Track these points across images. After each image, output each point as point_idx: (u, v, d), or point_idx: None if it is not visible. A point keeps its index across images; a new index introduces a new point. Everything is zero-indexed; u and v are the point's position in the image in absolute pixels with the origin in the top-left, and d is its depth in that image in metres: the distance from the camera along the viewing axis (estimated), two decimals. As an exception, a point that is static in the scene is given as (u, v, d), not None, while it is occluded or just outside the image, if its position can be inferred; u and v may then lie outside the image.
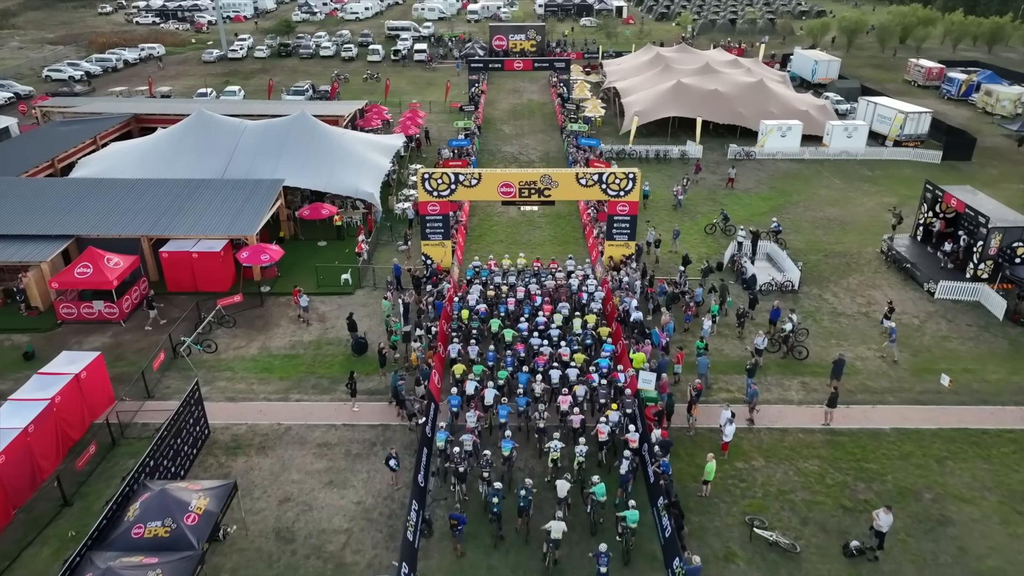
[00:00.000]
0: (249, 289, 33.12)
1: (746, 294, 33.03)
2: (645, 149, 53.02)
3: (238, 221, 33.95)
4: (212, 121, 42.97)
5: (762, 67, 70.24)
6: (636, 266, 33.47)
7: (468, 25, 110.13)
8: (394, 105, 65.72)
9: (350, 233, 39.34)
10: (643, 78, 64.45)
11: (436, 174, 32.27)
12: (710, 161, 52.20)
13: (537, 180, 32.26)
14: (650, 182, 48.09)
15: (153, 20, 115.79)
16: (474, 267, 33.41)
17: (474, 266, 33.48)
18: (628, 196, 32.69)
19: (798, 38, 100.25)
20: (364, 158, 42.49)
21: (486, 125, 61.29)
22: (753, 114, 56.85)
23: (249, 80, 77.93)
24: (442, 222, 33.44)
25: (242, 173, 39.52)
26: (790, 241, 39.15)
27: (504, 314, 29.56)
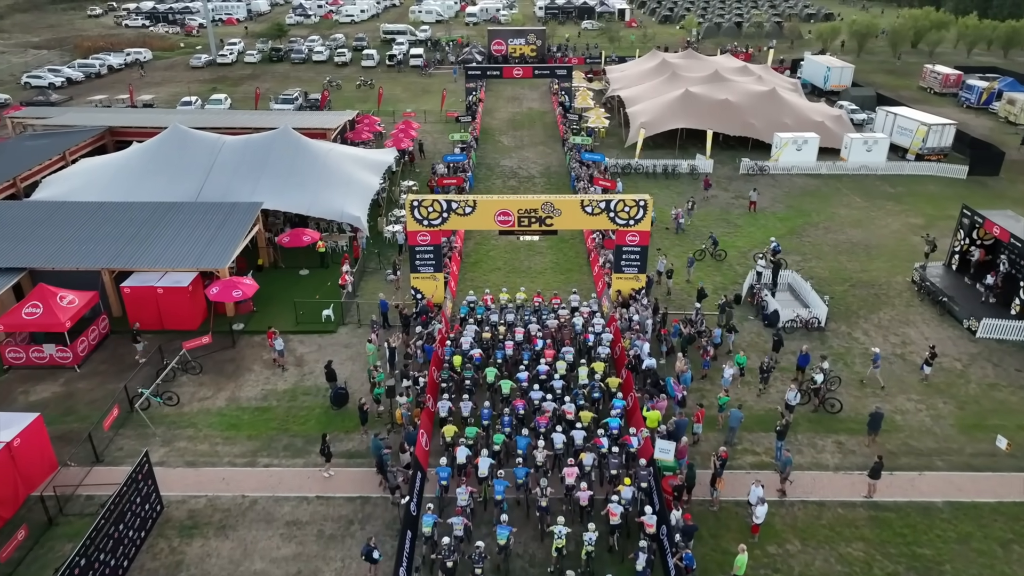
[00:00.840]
0: (221, 327, 30.04)
1: (768, 332, 30.03)
2: (652, 163, 49.92)
3: (209, 251, 30.84)
4: (188, 137, 39.86)
5: (772, 74, 67.14)
6: (647, 302, 30.37)
7: (466, 28, 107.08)
8: (387, 114, 62.61)
9: (335, 259, 36.24)
10: (649, 86, 61.37)
11: (426, 201, 29.20)
12: (721, 176, 49.12)
13: (538, 208, 29.18)
14: (658, 199, 45.10)
15: (143, 23, 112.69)
16: (468, 303, 30.46)
17: (468, 301, 30.53)
18: (639, 225, 29.60)
19: (806, 42, 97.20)
20: (351, 177, 39.38)
21: (484, 136, 58.21)
22: (766, 125, 53.76)
23: (238, 87, 74.82)
24: (433, 253, 30.36)
25: (218, 195, 36.44)
26: (812, 269, 36.09)
27: (501, 360, 26.47)
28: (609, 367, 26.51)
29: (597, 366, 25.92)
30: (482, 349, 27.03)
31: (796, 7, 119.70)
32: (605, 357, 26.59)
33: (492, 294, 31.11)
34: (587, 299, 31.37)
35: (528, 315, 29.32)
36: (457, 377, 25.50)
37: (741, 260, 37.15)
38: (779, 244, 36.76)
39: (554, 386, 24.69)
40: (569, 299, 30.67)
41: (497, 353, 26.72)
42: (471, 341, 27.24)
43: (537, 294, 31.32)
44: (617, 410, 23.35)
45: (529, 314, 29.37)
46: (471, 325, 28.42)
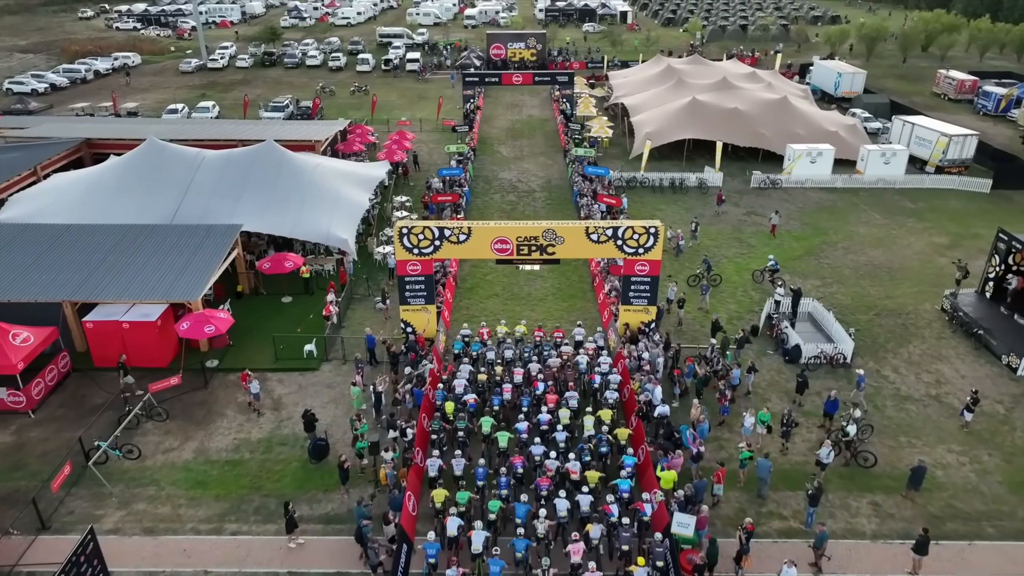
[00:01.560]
0: (193, 363, 27.55)
1: (789, 370, 27.56)
2: (659, 177, 47.39)
3: (181, 281, 28.32)
4: (165, 152, 37.37)
5: (782, 80, 64.62)
6: (658, 338, 27.85)
7: (465, 31, 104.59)
8: (381, 122, 60.11)
9: (320, 285, 33.73)
10: (654, 93, 58.83)
11: (417, 228, 26.68)
12: (731, 190, 46.59)
13: (539, 236, 26.67)
14: (666, 216, 42.61)
15: (134, 26, 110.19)
16: (463, 337, 27.90)
17: (463, 336, 27.95)
18: (649, 254, 27.08)
19: (813, 46, 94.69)
20: (339, 194, 36.87)
21: (482, 146, 55.70)
22: (777, 135, 51.26)
23: (228, 93, 72.31)
24: (424, 284, 27.84)
25: (196, 215, 33.93)
26: (833, 295, 33.59)
27: (498, 407, 23.96)
28: (617, 414, 24.02)
29: (604, 414, 23.46)
30: (477, 393, 24.59)
31: (801, 9, 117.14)
32: (613, 403, 24.09)
33: (489, 327, 28.70)
34: (592, 333, 28.91)
35: (528, 352, 26.86)
36: (449, 428, 23.01)
37: (755, 285, 34.64)
38: (777, 262, 34.68)
39: (557, 439, 22.21)
40: (573, 333, 28.27)
41: (494, 399, 24.21)
42: (465, 384, 24.80)
43: (538, 327, 28.75)
44: (628, 469, 20.84)
45: (529, 351, 26.92)
46: (466, 364, 25.95)
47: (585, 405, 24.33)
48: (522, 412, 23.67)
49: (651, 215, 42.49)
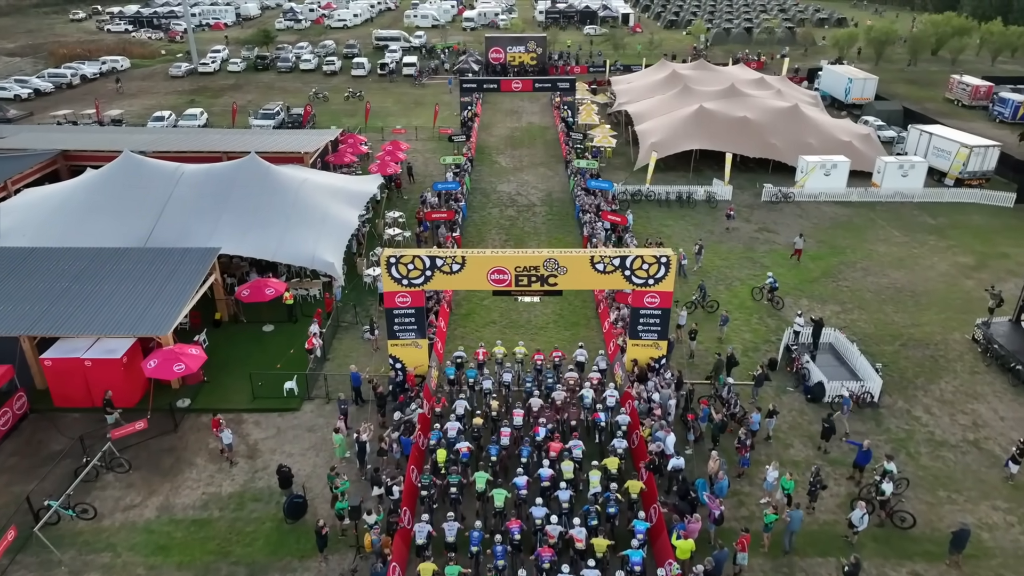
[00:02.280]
0: (162, 402, 25.27)
1: (812, 410, 25.30)
2: (665, 191, 45.09)
3: (151, 313, 26.03)
4: (142, 167, 35.12)
5: (791, 86, 62.36)
6: (669, 376, 25.56)
7: (463, 34, 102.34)
8: (375, 130, 57.86)
9: (306, 311, 31.48)
10: (659, 101, 56.57)
11: (406, 258, 24.39)
12: (741, 204, 44.32)
13: (540, 265, 24.39)
14: (673, 232, 40.37)
15: (126, 28, 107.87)
16: (455, 360, 26.29)
17: (455, 359, 26.36)
18: (659, 285, 24.80)
19: (821, 49, 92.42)
20: (327, 213, 34.59)
21: (480, 156, 53.41)
22: (788, 145, 49.01)
23: (218, 99, 70.05)
24: (415, 317, 25.55)
25: (172, 237, 31.66)
26: (855, 323, 31.33)
27: (495, 457, 21.73)
28: (626, 463, 21.78)
29: (611, 463, 21.27)
30: (472, 439, 22.45)
31: (806, 11, 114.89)
32: (622, 452, 21.86)
33: (486, 348, 26.93)
34: (595, 356, 26.89)
35: (529, 383, 24.91)
36: (440, 483, 20.75)
37: (771, 308, 32.38)
38: (776, 280, 32.91)
39: (560, 497, 19.96)
40: (575, 355, 26.45)
41: (490, 448, 21.95)
42: (459, 428, 22.60)
43: (537, 351, 26.81)
44: (639, 536, 18.54)
45: (531, 381, 24.97)
46: (460, 399, 23.91)
47: (591, 452, 22.13)
48: (522, 463, 21.48)
49: (657, 231, 40.27)
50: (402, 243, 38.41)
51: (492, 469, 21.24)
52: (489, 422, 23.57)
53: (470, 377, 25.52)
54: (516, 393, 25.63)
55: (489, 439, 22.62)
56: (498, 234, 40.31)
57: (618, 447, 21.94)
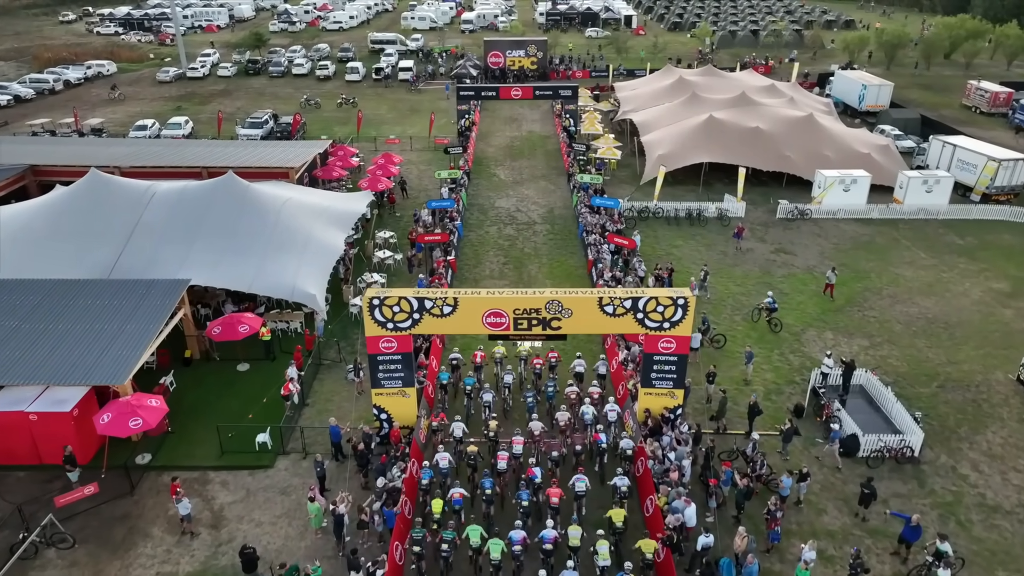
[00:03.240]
0: (120, 457, 22.58)
1: (845, 467, 22.59)
2: (674, 207, 42.37)
3: (108, 358, 23.32)
4: (110, 187, 32.41)
5: (803, 93, 59.66)
6: (686, 429, 22.85)
7: (462, 37, 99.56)
8: (368, 140, 55.19)
9: (285, 346, 28.79)
10: (666, 109, 53.85)
11: (391, 299, 21.69)
12: (755, 222, 41.64)
13: (541, 308, 21.69)
14: (683, 253, 37.72)
15: (116, 30, 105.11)
16: (452, 362, 26.42)
17: (452, 360, 26.45)
18: (675, 329, 22.09)
19: (829, 53, 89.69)
20: (310, 237, 31.88)
21: (478, 167, 50.71)
22: (803, 158, 46.31)
23: (206, 105, 67.36)
24: (402, 363, 22.84)
25: (139, 266, 28.99)
26: (885, 360, 28.65)
27: (490, 491, 20.02)
28: (632, 499, 19.19)
29: (616, 515, 19.28)
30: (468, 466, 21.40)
31: (813, 13, 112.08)
32: (624, 490, 20.15)
33: (484, 350, 26.67)
34: (595, 362, 26.51)
35: (529, 396, 24.28)
36: (432, 538, 18.31)
37: (793, 343, 29.71)
38: (775, 300, 30.91)
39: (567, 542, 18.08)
40: (573, 366, 25.86)
41: (484, 482, 20.25)
42: (449, 459, 21.17)
43: (536, 357, 26.96)
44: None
45: (530, 395, 24.33)
46: (457, 421, 22.74)
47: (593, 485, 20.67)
48: (522, 507, 19.60)
49: (667, 253, 37.60)
50: (392, 267, 35.74)
51: (487, 511, 20.02)
52: (488, 442, 22.62)
53: (467, 385, 24.84)
54: (516, 403, 25.33)
55: (487, 463, 21.79)
56: (496, 256, 37.61)
57: (620, 486, 20.19)
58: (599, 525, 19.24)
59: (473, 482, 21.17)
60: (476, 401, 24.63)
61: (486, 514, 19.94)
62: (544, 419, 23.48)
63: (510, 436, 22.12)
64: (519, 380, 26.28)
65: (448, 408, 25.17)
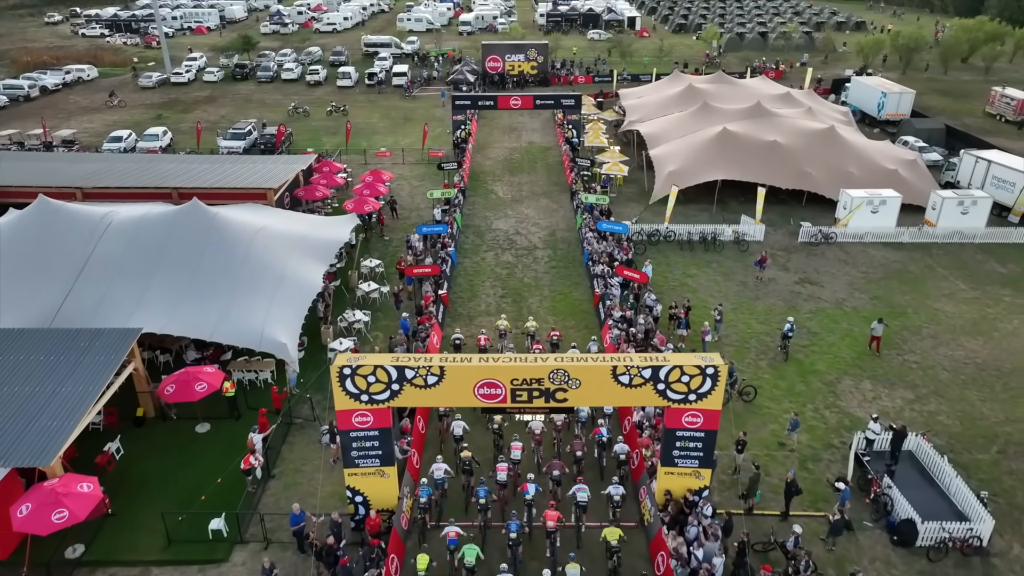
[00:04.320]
0: (43, 554, 19.11)
1: (901, 560, 19.16)
2: (687, 231, 38.91)
3: (34, 430, 19.83)
4: (60, 215, 29.04)
5: (820, 102, 56.20)
6: (710, 510, 19.35)
7: (459, 39, 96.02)
8: (358, 152, 51.77)
9: (253, 401, 25.36)
10: (675, 120, 50.38)
11: (364, 368, 18.23)
12: (775, 246, 38.21)
13: (544, 378, 18.26)
14: (698, 284, 34.32)
15: (101, 32, 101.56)
16: (455, 342, 26.94)
17: (455, 340, 26.97)
18: (704, 401, 18.64)
19: (842, 56, 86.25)
20: (284, 273, 28.41)
21: (474, 183, 47.26)
22: (825, 175, 42.84)
23: (188, 113, 63.89)
24: (379, 440, 19.38)
25: (86, 310, 25.62)
26: (933, 417, 25.20)
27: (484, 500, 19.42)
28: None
29: (610, 534, 18.36)
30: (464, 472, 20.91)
31: (822, 14, 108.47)
32: (618, 499, 19.72)
33: (488, 334, 27.68)
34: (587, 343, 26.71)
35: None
36: None
37: (827, 395, 26.26)
38: (794, 326, 28.42)
39: None
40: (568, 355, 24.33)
41: (479, 490, 19.51)
42: (446, 469, 20.62)
43: (536, 342, 27.26)
44: None
45: None
46: (458, 420, 22.17)
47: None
48: (511, 539, 18.38)
49: (681, 284, 34.19)
50: (378, 301, 32.31)
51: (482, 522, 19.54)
52: (491, 436, 22.78)
53: None
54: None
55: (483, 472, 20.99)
56: (493, 287, 34.17)
57: (614, 494, 19.85)
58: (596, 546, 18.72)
59: (468, 488, 20.76)
60: None
61: (481, 524, 19.53)
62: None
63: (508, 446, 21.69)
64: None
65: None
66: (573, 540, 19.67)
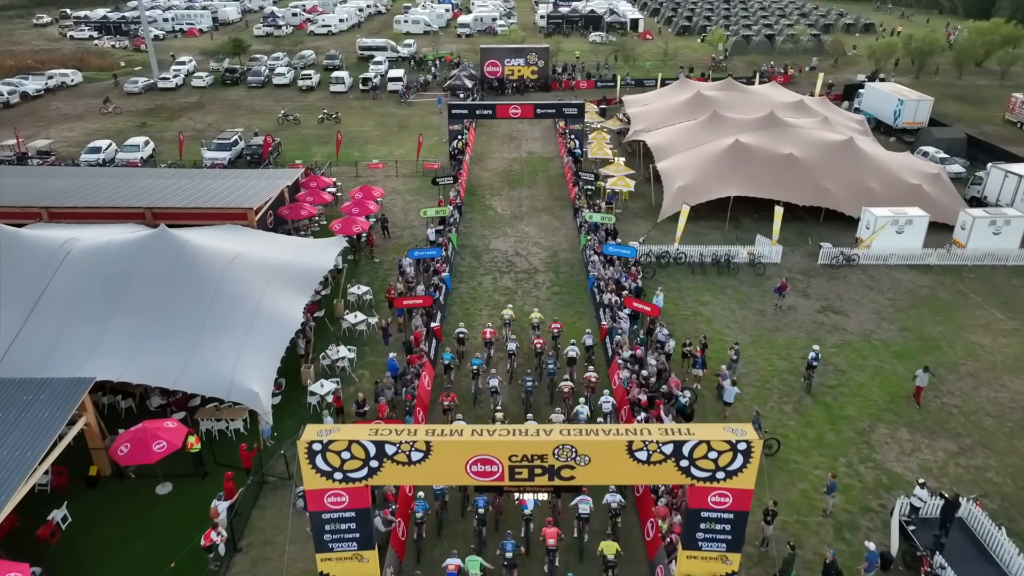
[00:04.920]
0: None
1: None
2: (699, 252, 36.30)
3: (-40, 506, 17.28)
4: (14, 245, 26.38)
5: (835, 110, 53.61)
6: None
7: (458, 42, 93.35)
8: (349, 163, 49.16)
9: (223, 454, 22.73)
10: (684, 130, 47.71)
11: (338, 444, 15.58)
12: (793, 269, 35.65)
13: (548, 454, 15.62)
14: (712, 313, 31.73)
15: (90, 35, 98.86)
16: (459, 336, 27.40)
17: (458, 334, 27.40)
18: (733, 480, 16.00)
19: (852, 60, 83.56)
20: (260, 306, 25.76)
21: (471, 198, 44.64)
22: (845, 190, 40.23)
23: (174, 121, 61.26)
24: (356, 521, 16.72)
25: (37, 354, 22.99)
26: (979, 473, 22.60)
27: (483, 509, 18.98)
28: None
29: (608, 548, 17.92)
30: None
31: (829, 15, 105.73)
32: (616, 506, 19.20)
33: (493, 327, 28.02)
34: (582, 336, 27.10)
35: (529, 381, 24.58)
36: None
37: (861, 446, 23.63)
38: (819, 355, 26.37)
39: None
40: (566, 352, 26.12)
41: (478, 500, 19.11)
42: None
43: (537, 337, 27.59)
44: None
45: (533, 381, 24.75)
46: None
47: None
48: (506, 559, 17.86)
49: (693, 314, 31.59)
50: (365, 333, 29.69)
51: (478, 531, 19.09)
52: None
53: (474, 365, 25.44)
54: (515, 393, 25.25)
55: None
56: (491, 316, 31.48)
57: (611, 502, 19.52)
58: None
59: (465, 493, 20.61)
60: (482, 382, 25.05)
61: (477, 533, 19.23)
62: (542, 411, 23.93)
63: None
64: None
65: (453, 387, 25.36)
66: (574, 553, 19.21)
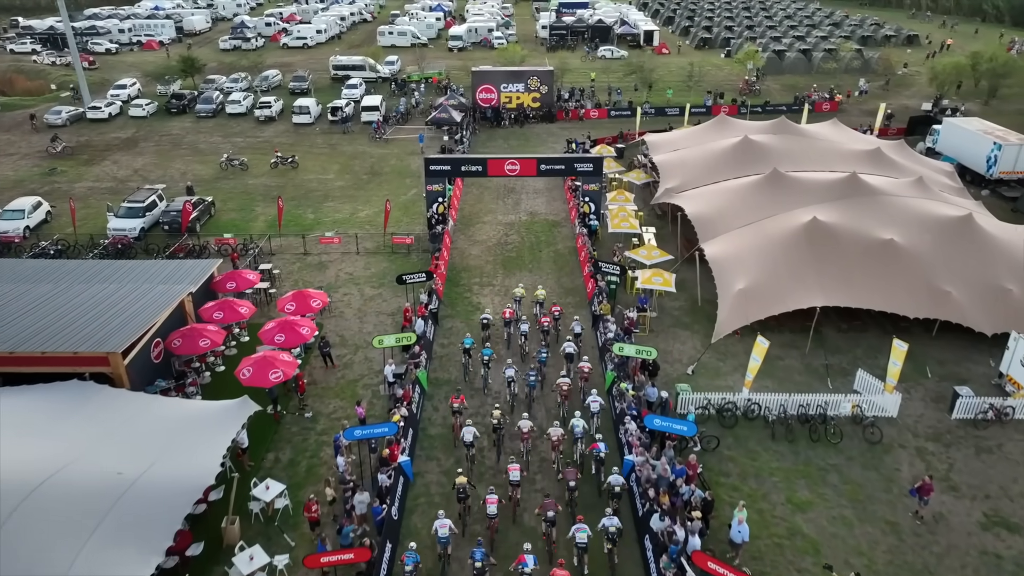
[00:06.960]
0: None
1: None
2: (779, 403, 24.79)
3: None
4: None
5: (915, 157, 42.10)
6: None
7: (449, 56, 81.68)
8: (295, 234, 37.68)
9: None
10: (733, 195, 36.03)
11: None
12: (916, 428, 24.23)
13: None
14: (815, 525, 20.28)
15: (32, 48, 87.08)
16: (483, 322, 27.91)
17: (483, 320, 27.93)
18: None
19: (904, 80, 71.99)
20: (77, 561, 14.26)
21: (454, 289, 33.15)
22: (970, 297, 28.80)
23: (93, 166, 49.78)
24: None
25: None
26: None
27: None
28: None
29: None
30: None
31: (863, 25, 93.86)
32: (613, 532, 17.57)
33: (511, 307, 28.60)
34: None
35: (532, 376, 24.62)
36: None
37: None
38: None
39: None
40: (563, 348, 25.76)
41: (475, 552, 17.11)
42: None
43: (544, 315, 27.71)
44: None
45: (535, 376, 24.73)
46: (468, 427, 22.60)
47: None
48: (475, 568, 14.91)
49: (791, 532, 20.10)
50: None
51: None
52: (492, 434, 22.65)
53: (485, 356, 25.57)
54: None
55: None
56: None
57: (609, 526, 18.16)
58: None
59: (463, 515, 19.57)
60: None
61: None
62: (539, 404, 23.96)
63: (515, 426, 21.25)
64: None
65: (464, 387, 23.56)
66: None
